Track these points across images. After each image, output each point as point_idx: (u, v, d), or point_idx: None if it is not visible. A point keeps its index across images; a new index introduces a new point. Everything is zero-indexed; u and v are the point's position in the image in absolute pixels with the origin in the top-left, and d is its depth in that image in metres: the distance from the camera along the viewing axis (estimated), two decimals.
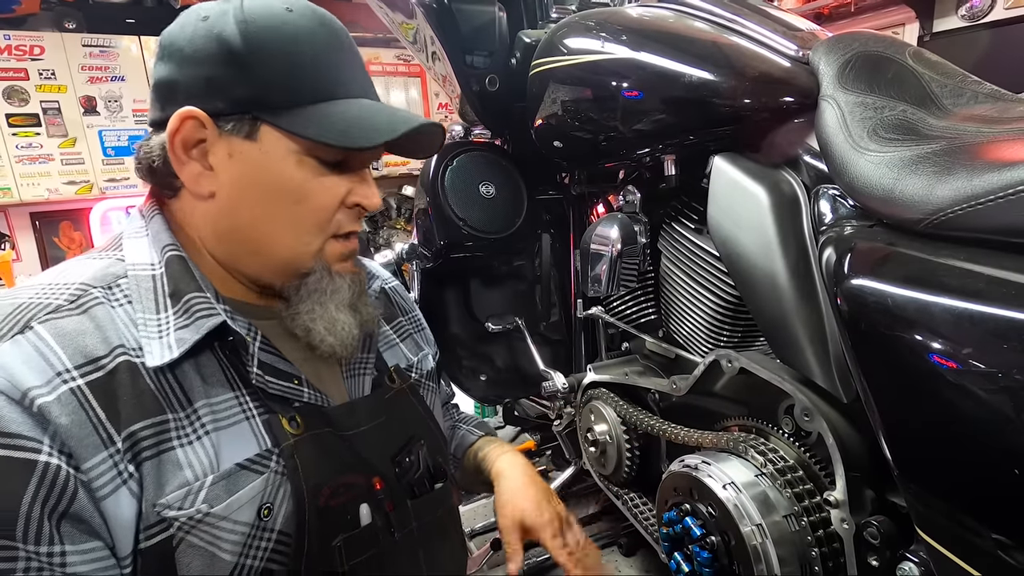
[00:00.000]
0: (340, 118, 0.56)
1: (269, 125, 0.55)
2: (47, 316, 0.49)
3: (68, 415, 0.46)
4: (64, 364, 0.47)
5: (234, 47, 0.52)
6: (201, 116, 0.53)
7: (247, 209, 0.57)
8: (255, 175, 0.56)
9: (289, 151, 0.55)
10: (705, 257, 0.85)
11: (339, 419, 0.61)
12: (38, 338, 0.47)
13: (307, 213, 0.58)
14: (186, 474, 0.50)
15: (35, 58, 2.95)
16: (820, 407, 0.62)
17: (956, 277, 0.47)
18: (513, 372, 1.36)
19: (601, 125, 0.93)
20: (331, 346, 0.61)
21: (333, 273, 0.61)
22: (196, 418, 0.52)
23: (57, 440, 0.45)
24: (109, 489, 0.47)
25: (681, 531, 0.69)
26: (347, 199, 0.60)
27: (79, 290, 0.52)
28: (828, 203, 0.67)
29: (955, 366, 0.45)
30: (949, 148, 0.53)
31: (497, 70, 1.17)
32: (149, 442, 0.49)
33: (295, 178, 0.56)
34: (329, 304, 0.60)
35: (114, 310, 0.53)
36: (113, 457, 0.47)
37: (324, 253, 0.60)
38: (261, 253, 0.59)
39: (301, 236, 0.58)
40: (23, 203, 3.07)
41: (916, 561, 0.53)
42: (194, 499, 0.49)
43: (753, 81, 0.75)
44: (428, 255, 1.26)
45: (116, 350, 0.50)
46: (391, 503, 0.62)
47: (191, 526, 0.49)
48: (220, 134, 0.54)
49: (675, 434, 0.81)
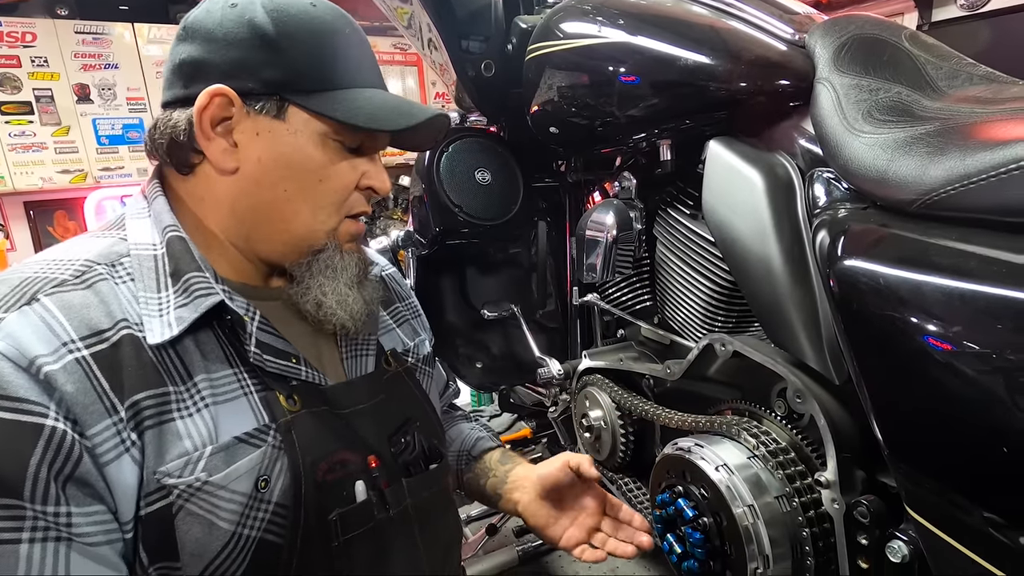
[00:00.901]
0: (366, 103, 0.60)
1: (298, 107, 0.58)
2: (53, 289, 0.50)
3: (73, 383, 0.47)
4: (70, 335, 0.49)
5: (266, 32, 0.56)
6: (231, 94, 0.56)
7: (270, 186, 0.59)
8: (282, 153, 0.59)
9: (316, 132, 0.59)
10: (700, 243, 0.85)
11: (336, 398, 0.63)
12: (44, 309, 0.49)
13: (328, 192, 0.61)
14: (186, 444, 0.51)
15: (27, 45, 2.92)
16: (812, 389, 0.63)
17: (948, 257, 0.47)
18: (509, 359, 1.36)
19: (597, 110, 0.92)
20: (342, 320, 0.63)
21: (343, 251, 0.64)
22: (196, 391, 0.53)
23: (63, 407, 0.46)
24: (112, 455, 0.48)
25: (673, 513, 0.69)
26: (361, 182, 0.64)
27: (84, 266, 0.54)
28: (822, 186, 0.67)
29: (946, 346, 0.45)
30: (943, 129, 0.53)
31: (493, 56, 1.16)
32: (151, 412, 0.50)
33: (320, 158, 0.60)
34: (339, 279, 0.63)
35: (118, 286, 0.54)
36: (116, 425, 0.48)
37: (337, 232, 0.63)
38: (279, 228, 0.61)
39: (318, 214, 0.61)
40: (17, 192, 3.06)
41: (905, 540, 0.54)
42: (193, 468, 0.51)
43: (749, 65, 0.74)
44: (424, 242, 1.26)
45: (119, 323, 0.52)
46: (386, 481, 0.64)
47: (190, 494, 0.51)
48: (248, 113, 0.57)
49: (668, 418, 0.81)
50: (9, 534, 0.43)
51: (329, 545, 0.57)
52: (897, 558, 0.54)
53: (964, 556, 0.45)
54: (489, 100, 1.20)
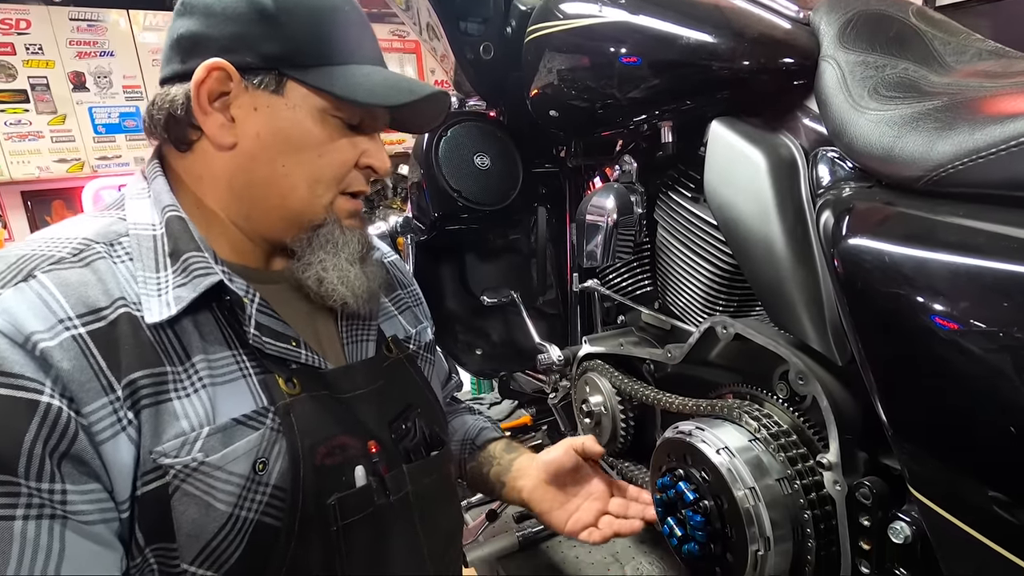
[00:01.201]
0: (366, 79, 0.59)
1: (297, 82, 0.57)
2: (50, 266, 0.50)
3: (70, 360, 0.46)
4: (67, 312, 0.48)
5: (266, 7, 0.55)
6: (229, 68, 0.55)
7: (268, 161, 0.59)
8: (281, 128, 0.58)
9: (315, 107, 0.58)
10: (701, 226, 0.84)
11: (336, 382, 0.62)
12: (41, 286, 0.48)
13: (326, 168, 0.60)
14: (183, 424, 0.51)
15: (21, 32, 2.89)
16: (815, 370, 0.62)
17: (955, 234, 0.46)
18: (509, 346, 1.36)
19: (598, 92, 0.91)
20: (343, 296, 0.63)
21: (343, 227, 0.63)
22: (194, 371, 0.53)
23: (59, 384, 0.46)
24: (108, 434, 0.47)
25: (674, 496, 0.69)
26: (360, 160, 0.63)
27: (82, 244, 0.53)
28: (826, 166, 0.66)
29: (954, 324, 0.45)
30: (951, 104, 0.52)
31: (492, 38, 1.14)
32: (148, 391, 0.50)
33: (319, 134, 0.59)
34: (340, 254, 0.62)
35: (116, 265, 0.54)
36: (113, 404, 0.48)
37: (335, 207, 0.63)
38: (276, 204, 0.60)
39: (316, 189, 0.61)
40: (14, 181, 3.04)
41: (907, 520, 0.53)
42: (190, 448, 0.50)
43: (752, 43, 0.73)
44: (422, 227, 1.25)
45: (117, 302, 0.51)
46: (386, 467, 0.63)
47: (186, 474, 0.50)
48: (246, 88, 0.57)
49: (669, 402, 0.81)
50: (3, 511, 0.43)
51: (328, 530, 0.57)
52: (899, 539, 0.53)
53: (969, 536, 0.44)
54: (488, 83, 1.19)
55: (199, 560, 0.52)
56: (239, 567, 0.53)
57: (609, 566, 1.10)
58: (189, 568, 0.52)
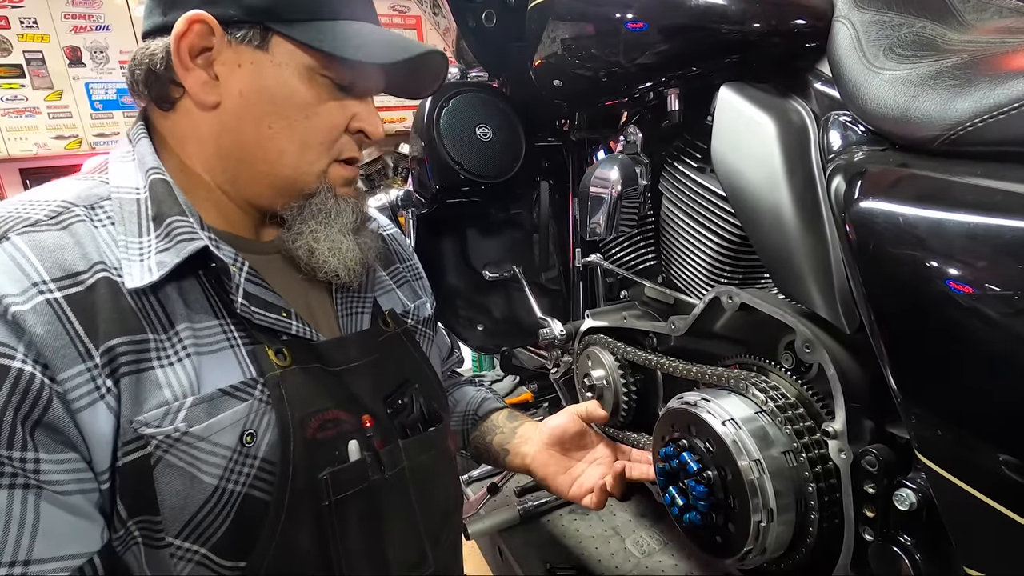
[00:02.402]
0: (356, 35, 0.55)
1: (282, 37, 0.54)
2: (26, 228, 0.48)
3: (43, 325, 0.44)
4: (41, 276, 0.46)
5: None
6: (211, 21, 0.52)
7: (253, 121, 0.56)
8: (266, 86, 0.55)
9: (302, 65, 0.55)
10: (708, 196, 0.83)
11: (328, 354, 0.60)
12: (15, 248, 0.46)
13: (315, 130, 0.57)
14: (165, 394, 0.49)
15: (15, 5, 2.85)
16: (821, 338, 0.61)
17: (972, 193, 0.45)
18: (510, 321, 1.35)
19: (604, 59, 0.89)
20: (335, 268, 0.60)
21: (337, 196, 0.61)
22: (177, 340, 0.51)
23: (32, 349, 0.44)
24: (85, 402, 0.46)
25: (677, 466, 0.69)
26: (351, 124, 0.60)
27: (60, 207, 0.51)
28: (838, 130, 0.64)
29: (969, 286, 0.43)
30: (970, 61, 0.50)
31: (494, 4, 1.12)
32: (128, 358, 0.48)
33: (307, 94, 0.56)
34: (333, 225, 0.60)
35: (96, 229, 0.51)
36: (91, 371, 0.46)
37: (328, 175, 0.60)
38: (264, 170, 0.58)
39: (306, 154, 0.58)
40: (12, 158, 3.01)
41: (913, 488, 0.53)
42: (173, 418, 0.49)
43: (764, 4, 0.71)
44: (423, 201, 1.23)
45: (96, 266, 0.49)
46: (381, 441, 0.62)
47: (168, 445, 0.49)
48: (230, 42, 0.54)
49: (673, 367, 0.80)
50: None
51: (319, 504, 0.56)
52: (905, 506, 0.53)
53: (978, 500, 0.44)
54: (490, 52, 1.16)
55: (184, 533, 0.50)
56: (227, 541, 0.52)
57: (609, 539, 1.10)
58: (174, 541, 0.50)
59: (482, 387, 0.96)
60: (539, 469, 0.79)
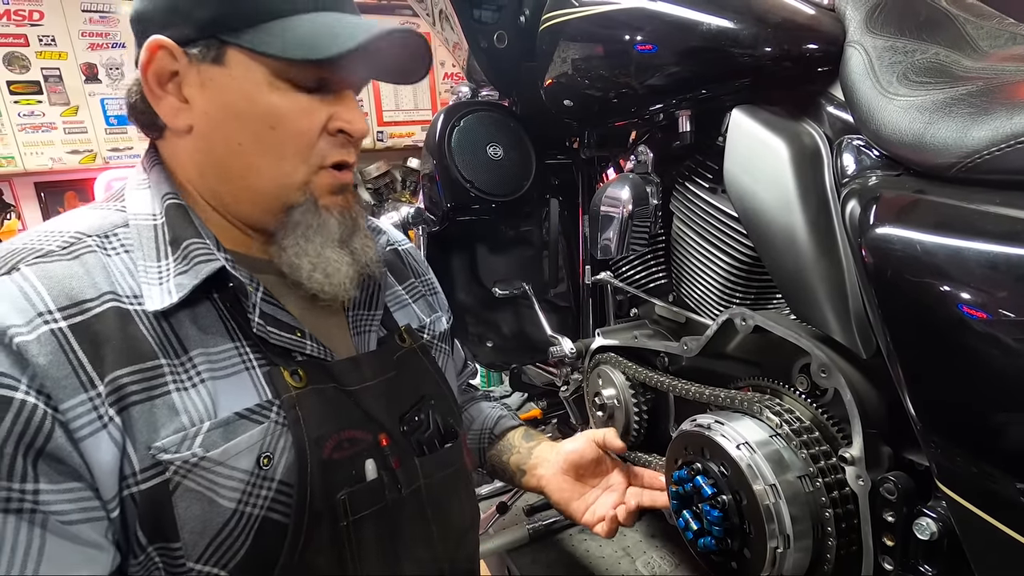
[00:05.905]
0: (304, 31, 0.52)
1: (235, 47, 0.52)
2: (36, 259, 0.48)
3: (46, 356, 0.45)
4: (47, 305, 0.46)
5: None
6: (169, 44, 0.51)
7: (223, 140, 0.54)
8: (227, 102, 0.53)
9: (260, 74, 0.53)
10: (719, 217, 0.83)
11: (343, 374, 0.60)
12: (23, 279, 0.47)
13: (284, 139, 0.54)
14: (182, 419, 0.49)
15: (35, 23, 2.90)
16: (838, 363, 0.61)
17: (990, 222, 0.45)
18: (520, 338, 1.35)
19: (615, 80, 0.89)
20: (320, 284, 0.59)
21: (319, 207, 0.58)
22: (192, 366, 0.51)
23: (36, 380, 0.44)
24: (88, 431, 0.46)
25: (691, 490, 0.68)
26: (329, 125, 0.56)
27: (73, 238, 0.52)
28: (852, 155, 0.64)
29: (988, 314, 0.43)
30: (986, 88, 0.50)
31: (506, 26, 1.13)
32: (137, 387, 0.48)
33: (267, 102, 0.53)
34: (315, 239, 0.58)
35: (109, 258, 0.52)
36: (93, 400, 0.46)
37: (312, 185, 0.57)
38: (243, 187, 0.56)
39: (281, 165, 0.55)
40: (27, 172, 3.06)
41: (934, 516, 0.52)
42: (190, 444, 0.49)
43: (775, 28, 0.71)
44: (434, 219, 1.24)
45: (106, 295, 0.49)
46: (397, 460, 0.61)
47: (187, 470, 0.49)
48: (190, 62, 0.52)
49: (685, 390, 0.79)
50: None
51: (337, 525, 0.55)
52: (925, 535, 0.52)
53: (999, 531, 0.43)
54: (502, 72, 1.17)
55: (204, 558, 0.50)
56: (247, 564, 0.52)
57: (620, 560, 1.09)
58: (195, 566, 0.50)
59: (497, 403, 0.96)
60: (554, 493, 0.79)
